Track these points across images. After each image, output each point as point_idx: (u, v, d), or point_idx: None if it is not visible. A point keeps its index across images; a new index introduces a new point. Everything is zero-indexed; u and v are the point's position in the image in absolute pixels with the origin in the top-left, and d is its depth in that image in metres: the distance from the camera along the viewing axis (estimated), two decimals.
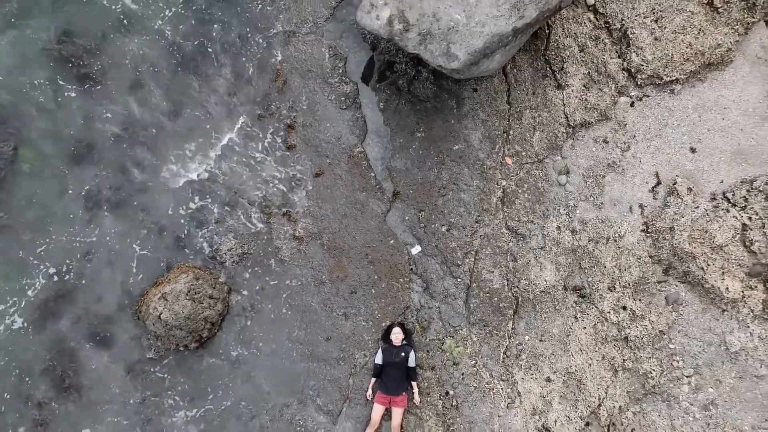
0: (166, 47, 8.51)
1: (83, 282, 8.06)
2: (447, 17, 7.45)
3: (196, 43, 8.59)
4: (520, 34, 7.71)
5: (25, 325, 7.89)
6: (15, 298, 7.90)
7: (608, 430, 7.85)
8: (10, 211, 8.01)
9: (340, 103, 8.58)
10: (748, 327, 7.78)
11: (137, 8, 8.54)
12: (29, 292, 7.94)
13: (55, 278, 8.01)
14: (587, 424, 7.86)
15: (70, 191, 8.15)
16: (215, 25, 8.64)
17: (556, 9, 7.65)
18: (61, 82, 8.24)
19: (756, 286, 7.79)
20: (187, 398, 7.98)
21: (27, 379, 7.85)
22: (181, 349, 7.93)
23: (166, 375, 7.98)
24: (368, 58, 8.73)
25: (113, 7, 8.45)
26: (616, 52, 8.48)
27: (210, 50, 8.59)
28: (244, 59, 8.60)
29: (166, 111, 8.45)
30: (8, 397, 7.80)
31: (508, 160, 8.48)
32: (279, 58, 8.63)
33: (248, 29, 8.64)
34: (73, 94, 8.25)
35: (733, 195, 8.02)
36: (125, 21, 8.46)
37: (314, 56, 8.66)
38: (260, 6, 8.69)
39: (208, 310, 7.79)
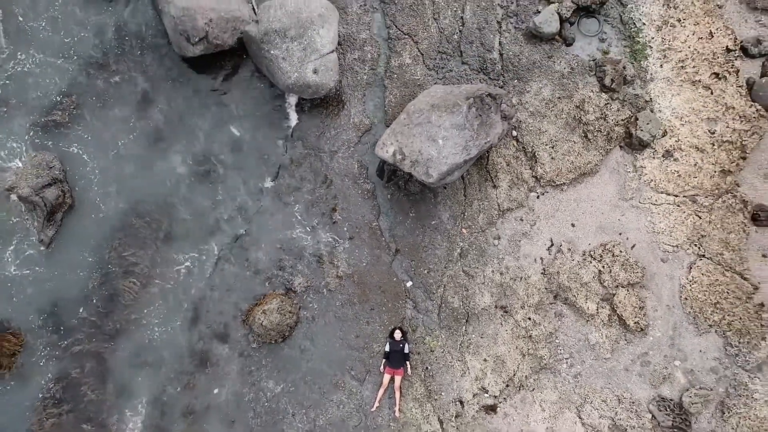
0: (260, 167, 14.11)
1: (211, 302, 13.68)
2: (426, 153, 12.97)
3: (273, 156, 14.21)
4: (469, 161, 13.28)
5: (180, 329, 13.52)
6: (176, 315, 13.55)
7: (519, 389, 13.47)
8: (164, 266, 13.66)
9: (364, 195, 14.19)
10: (600, 330, 13.41)
11: (240, 134, 14.18)
12: (185, 307, 13.58)
13: (196, 300, 13.64)
14: (507, 385, 13.46)
15: (205, 248, 13.79)
16: (282, 146, 14.25)
17: (489, 148, 13.28)
18: (193, 183, 13.86)
19: (605, 307, 13.41)
20: (275, 371, 13.58)
21: (180, 359, 13.46)
22: (272, 342, 13.53)
23: (263, 358, 13.60)
24: (380, 167, 14.33)
25: (227, 135, 14.11)
26: (529, 166, 14.09)
27: (285, 163, 14.21)
28: (304, 169, 14.20)
29: (255, 196, 14.07)
30: (171, 370, 13.42)
31: (464, 231, 14.10)
32: (327, 167, 14.24)
33: (307, 150, 14.26)
34: (200, 197, 13.87)
35: (594, 252, 13.62)
36: (235, 144, 14.12)
37: (348, 166, 14.27)
38: (316, 136, 14.31)
39: (288, 320, 13.42)
